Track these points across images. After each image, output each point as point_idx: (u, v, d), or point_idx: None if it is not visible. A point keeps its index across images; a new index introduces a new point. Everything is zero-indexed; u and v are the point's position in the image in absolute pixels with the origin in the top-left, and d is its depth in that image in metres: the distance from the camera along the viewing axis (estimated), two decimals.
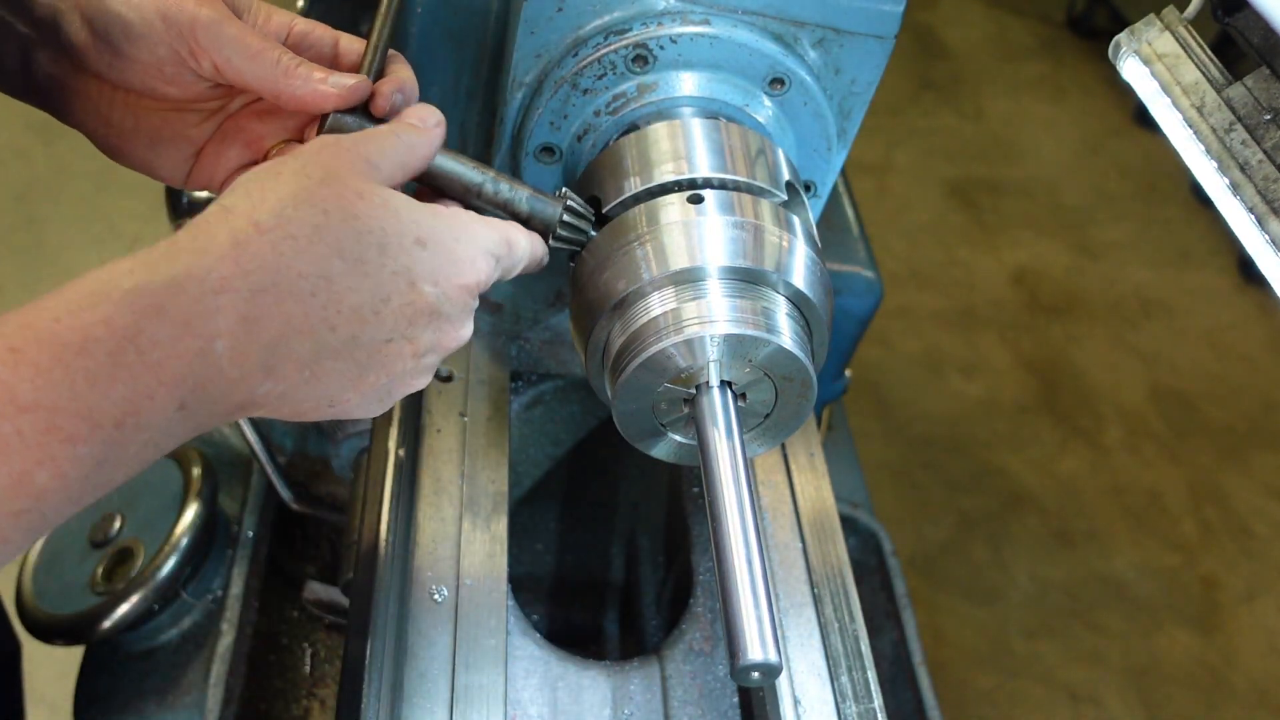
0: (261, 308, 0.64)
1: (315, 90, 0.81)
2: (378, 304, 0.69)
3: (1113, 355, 4.00)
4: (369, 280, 0.68)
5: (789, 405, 0.91)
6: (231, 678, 1.22)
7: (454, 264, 0.73)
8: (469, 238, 0.76)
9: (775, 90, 1.00)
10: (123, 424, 0.59)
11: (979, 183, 4.65)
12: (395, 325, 0.71)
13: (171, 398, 0.61)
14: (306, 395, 0.69)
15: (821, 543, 1.14)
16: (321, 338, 0.67)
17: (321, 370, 0.68)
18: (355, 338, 0.69)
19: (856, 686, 1.02)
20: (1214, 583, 3.37)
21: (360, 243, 0.68)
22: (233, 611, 1.27)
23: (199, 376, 0.62)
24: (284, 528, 1.40)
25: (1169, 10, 0.93)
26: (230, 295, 0.63)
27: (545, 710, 1.04)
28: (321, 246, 0.66)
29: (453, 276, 0.73)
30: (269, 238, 0.65)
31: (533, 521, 1.45)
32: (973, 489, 3.47)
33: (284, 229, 0.66)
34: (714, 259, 0.86)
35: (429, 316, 0.72)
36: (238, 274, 0.63)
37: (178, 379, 0.61)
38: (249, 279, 0.63)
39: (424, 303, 0.72)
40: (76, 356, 0.58)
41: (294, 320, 0.65)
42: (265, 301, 0.64)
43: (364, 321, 0.69)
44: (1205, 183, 0.86)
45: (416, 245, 0.71)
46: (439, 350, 0.76)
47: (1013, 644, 3.11)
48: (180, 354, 0.61)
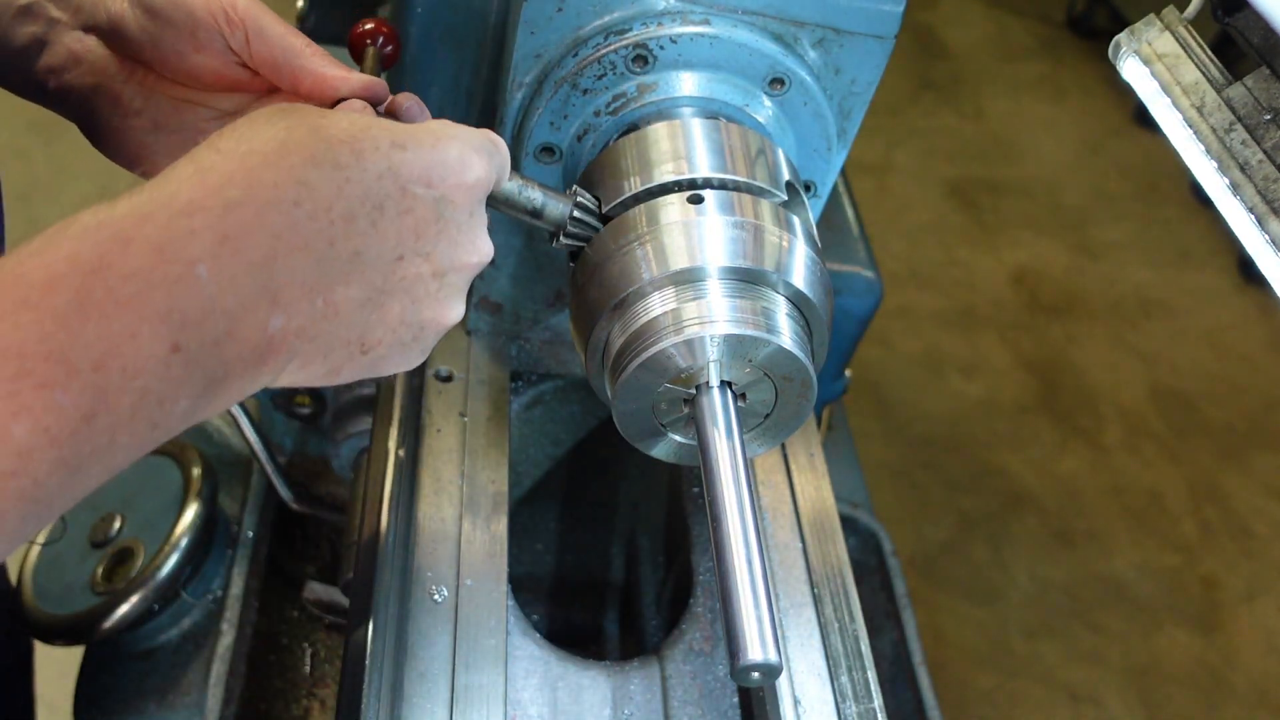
0: (240, 223, 0.58)
1: (337, 73, 0.80)
2: (371, 211, 0.63)
3: (1113, 355, 4.00)
4: (352, 185, 0.62)
5: (789, 405, 0.91)
6: (231, 678, 1.23)
7: (442, 163, 0.67)
8: (450, 136, 0.69)
9: (775, 90, 1.00)
10: (103, 366, 0.53)
11: (979, 183, 4.65)
12: (400, 237, 0.65)
13: (158, 336, 0.55)
14: (330, 333, 0.64)
15: (821, 543, 1.14)
16: (321, 253, 0.61)
17: (335, 299, 0.63)
18: (359, 254, 0.63)
19: (856, 686, 1.02)
20: (1214, 583, 3.37)
21: (332, 149, 0.62)
22: (233, 611, 1.27)
23: (187, 309, 0.56)
24: (284, 528, 1.40)
25: (1169, 10, 0.93)
26: (202, 215, 0.57)
27: (545, 710, 1.04)
28: (292, 156, 0.61)
29: (446, 176, 0.67)
30: (234, 155, 0.60)
31: (533, 521, 1.46)
32: (973, 489, 3.47)
33: (247, 145, 0.61)
34: (714, 259, 0.86)
35: (434, 223, 0.67)
36: (205, 193, 0.58)
37: (161, 314, 0.55)
38: (220, 194, 0.58)
39: (422, 208, 0.66)
40: (42, 296, 0.53)
41: (282, 234, 0.59)
42: (243, 215, 0.58)
43: (363, 234, 0.63)
44: (1205, 183, 0.86)
45: (394, 148, 0.65)
46: (460, 268, 0.70)
47: (1013, 644, 3.11)
48: (156, 283, 0.55)
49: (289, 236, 0.60)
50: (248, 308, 0.58)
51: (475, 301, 1.23)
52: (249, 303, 0.58)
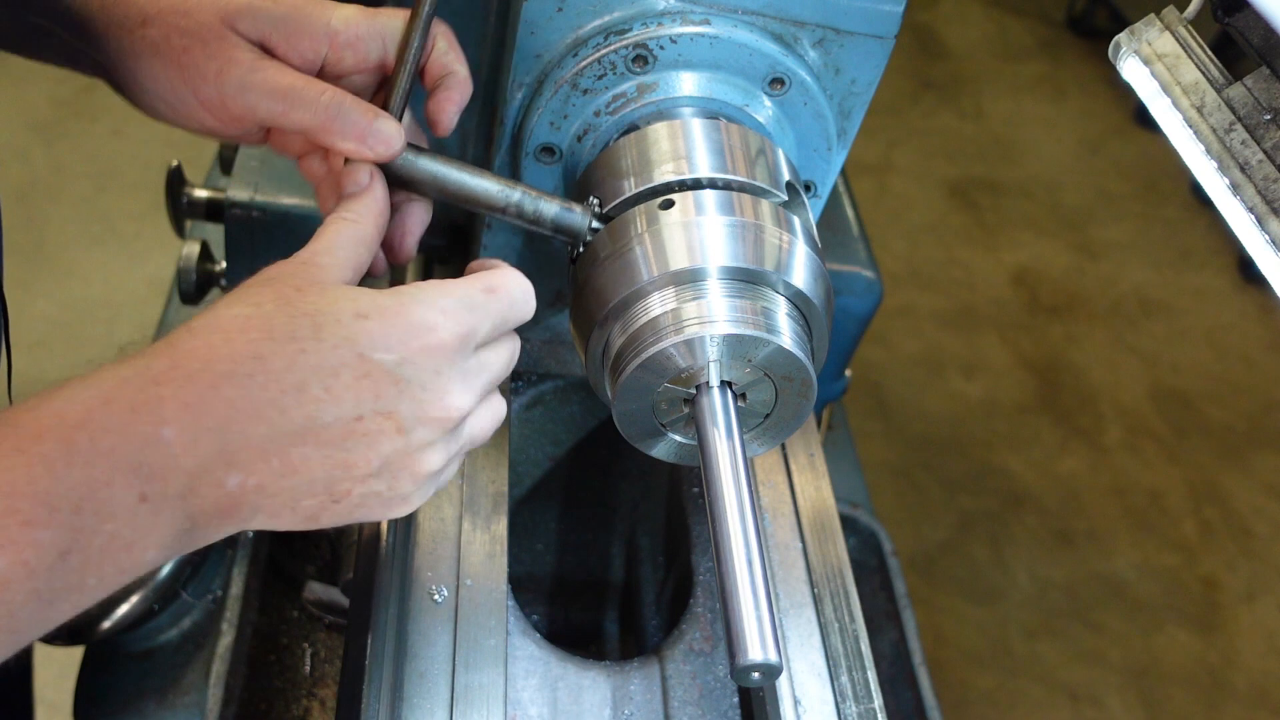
0: (198, 393, 0.64)
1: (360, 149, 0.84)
2: (326, 379, 0.67)
3: (1113, 355, 4.00)
4: (307, 356, 0.67)
5: (789, 405, 0.91)
6: (231, 678, 1.22)
7: (407, 327, 0.70)
8: (425, 299, 0.72)
9: (775, 90, 1.00)
10: (81, 509, 0.59)
11: (979, 183, 4.65)
12: (359, 400, 0.68)
13: (129, 486, 0.61)
14: (293, 488, 0.69)
15: (821, 543, 1.14)
16: (273, 420, 0.66)
17: (291, 458, 0.67)
18: (314, 418, 0.67)
19: (856, 686, 1.02)
20: (1214, 583, 3.37)
21: (293, 323, 0.67)
22: (233, 611, 1.27)
23: (154, 465, 0.62)
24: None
25: (1169, 10, 0.93)
26: (170, 385, 0.64)
27: (545, 710, 1.04)
28: (252, 332, 0.67)
29: (408, 340, 0.70)
30: (201, 335, 0.67)
31: (533, 521, 1.45)
32: (973, 489, 3.47)
33: (214, 324, 0.67)
34: (714, 259, 0.86)
35: (393, 385, 0.69)
36: (172, 365, 0.65)
37: (132, 466, 0.62)
38: (181, 368, 0.65)
39: (381, 371, 0.69)
40: (33, 444, 0.59)
41: (237, 403, 0.65)
42: (200, 386, 0.64)
43: (316, 400, 0.67)
44: (1205, 183, 0.86)
45: (356, 318, 0.69)
46: (428, 422, 0.72)
47: (1013, 644, 3.11)
48: (130, 439, 0.62)
49: (243, 405, 0.65)
50: (207, 467, 0.65)
51: None
52: (208, 462, 0.65)
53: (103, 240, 3.57)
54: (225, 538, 0.70)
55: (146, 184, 3.45)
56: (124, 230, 3.59)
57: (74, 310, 3.33)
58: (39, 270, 3.43)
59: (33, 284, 3.34)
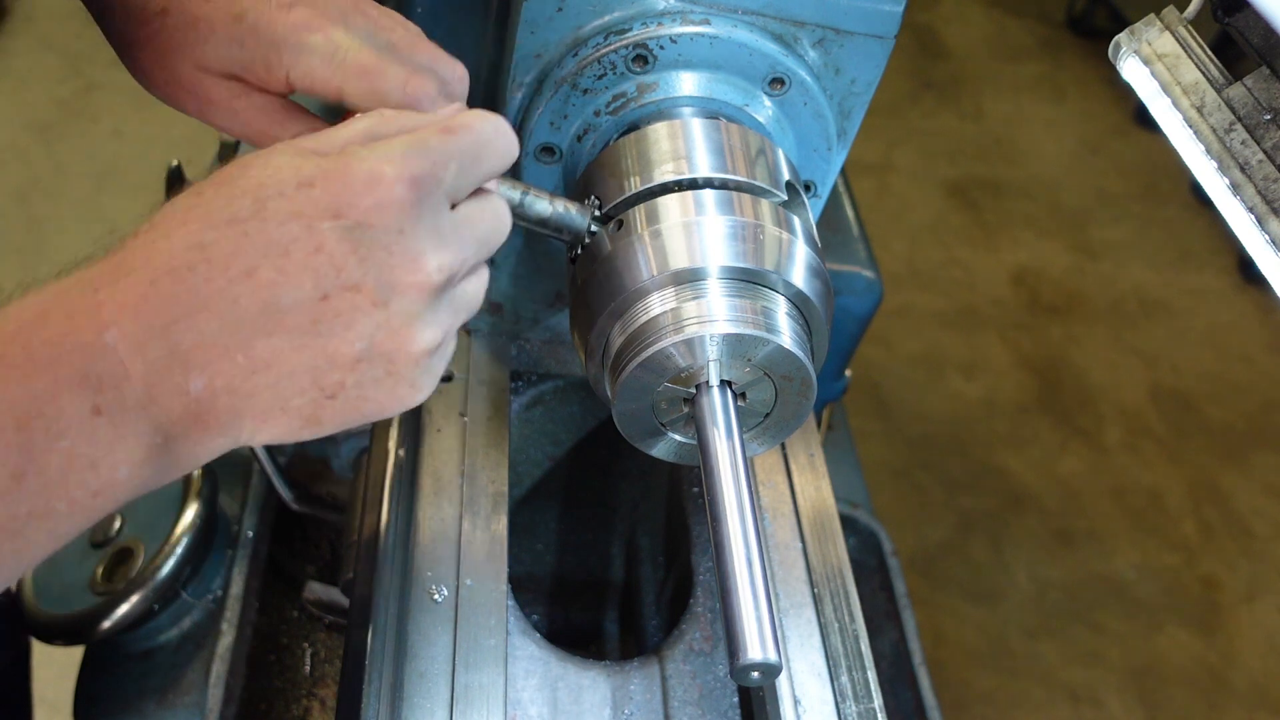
0: (138, 291, 0.60)
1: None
2: (277, 259, 0.61)
3: (1113, 355, 4.00)
4: (250, 239, 0.61)
5: (789, 405, 0.91)
6: (231, 678, 1.22)
7: (348, 189, 0.63)
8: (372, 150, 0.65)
9: (775, 90, 1.00)
10: (26, 426, 0.56)
11: (979, 183, 4.65)
12: (318, 278, 0.62)
13: (79, 399, 0.57)
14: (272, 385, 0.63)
15: (821, 543, 1.14)
16: (225, 312, 0.61)
17: (257, 351, 0.62)
18: (271, 304, 0.62)
19: (856, 686, 1.02)
20: (1214, 583, 3.37)
21: (232, 205, 0.62)
22: (233, 611, 1.27)
23: (102, 374, 0.58)
24: (284, 528, 1.40)
25: (1169, 10, 0.93)
26: (108, 289, 0.60)
27: (545, 710, 1.04)
28: (191, 224, 0.61)
29: (355, 201, 0.63)
30: (140, 238, 0.63)
31: (533, 521, 1.46)
32: (973, 489, 3.47)
33: (153, 223, 0.63)
34: (714, 259, 0.86)
35: (352, 254, 0.63)
36: (110, 268, 0.61)
37: (79, 377, 0.57)
38: (120, 268, 0.61)
39: (335, 242, 0.62)
40: None
41: (181, 298, 0.60)
42: (139, 284, 0.60)
43: (270, 284, 0.61)
44: (1205, 183, 0.86)
45: (300, 188, 0.62)
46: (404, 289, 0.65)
47: (1013, 644, 3.11)
48: (71, 349, 0.58)
49: (187, 299, 0.60)
50: (161, 371, 0.60)
51: None
52: (161, 365, 0.60)
53: (103, 240, 3.56)
54: (225, 543, 0.69)
55: (146, 184, 3.44)
56: (124, 230, 3.58)
57: None
58: (39, 270, 3.41)
59: (32, 284, 3.33)
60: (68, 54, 4.12)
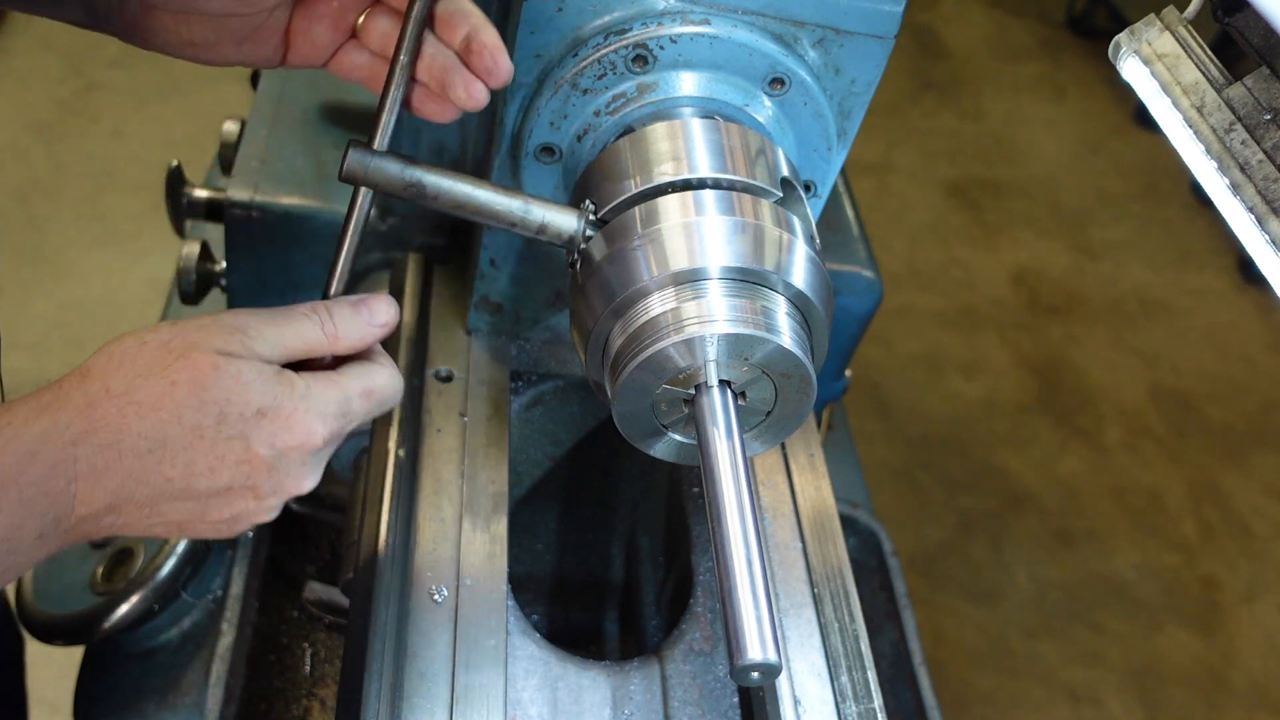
0: (106, 461, 0.74)
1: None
2: (213, 461, 0.77)
3: (1113, 355, 4.00)
4: (203, 443, 0.76)
5: (789, 404, 0.91)
6: (231, 678, 1.22)
7: (289, 430, 0.80)
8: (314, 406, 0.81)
9: (775, 90, 1.00)
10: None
11: (979, 183, 4.65)
12: (233, 477, 0.79)
13: (35, 529, 0.72)
14: (151, 526, 0.79)
15: (821, 543, 1.14)
16: (158, 487, 0.77)
17: (160, 509, 0.78)
18: (191, 487, 0.78)
19: (856, 686, 1.02)
20: (1214, 583, 3.37)
21: (201, 411, 0.76)
22: (233, 611, 1.27)
23: (57, 512, 0.73)
24: (284, 528, 1.40)
25: (1169, 10, 0.93)
26: (85, 448, 0.73)
27: (545, 710, 1.04)
28: (163, 413, 0.75)
29: (290, 441, 0.80)
30: (116, 403, 0.74)
31: (533, 521, 1.45)
32: (973, 489, 3.47)
33: (130, 396, 0.74)
34: (714, 259, 0.86)
35: (267, 471, 0.80)
36: (89, 430, 0.73)
37: (42, 513, 0.72)
38: (97, 435, 0.73)
39: (260, 461, 0.79)
40: None
41: (134, 472, 0.75)
42: (109, 456, 0.74)
43: (200, 475, 0.77)
44: (1205, 183, 0.86)
45: (257, 416, 0.78)
46: (282, 494, 0.83)
47: (1013, 644, 3.11)
48: (47, 493, 0.72)
49: (139, 474, 0.76)
50: (96, 515, 0.76)
51: (475, 301, 1.23)
52: (96, 512, 0.75)
53: (102, 240, 3.57)
54: (225, 543, 0.75)
55: (146, 184, 3.44)
56: (124, 230, 3.59)
57: (74, 310, 3.33)
58: (39, 271, 3.43)
59: (32, 284, 3.34)
60: (68, 54, 4.12)
